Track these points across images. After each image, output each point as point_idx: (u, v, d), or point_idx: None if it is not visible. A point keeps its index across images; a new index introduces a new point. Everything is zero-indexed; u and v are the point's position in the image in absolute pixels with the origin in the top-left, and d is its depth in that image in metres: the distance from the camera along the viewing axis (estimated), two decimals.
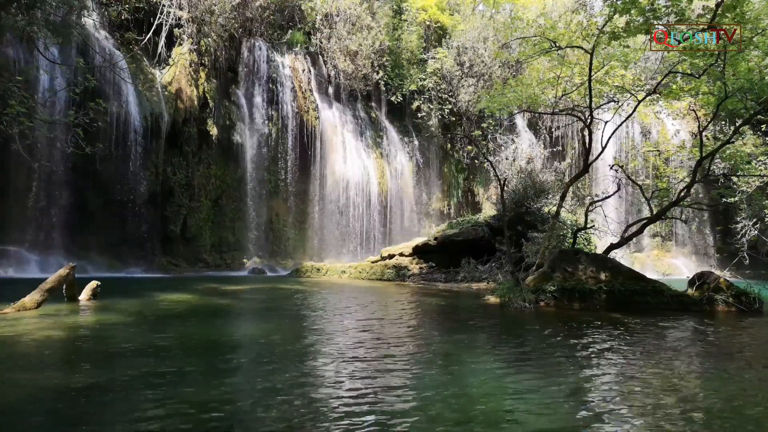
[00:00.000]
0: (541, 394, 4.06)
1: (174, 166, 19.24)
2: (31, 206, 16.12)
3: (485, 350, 5.93)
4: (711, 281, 9.87)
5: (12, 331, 6.06)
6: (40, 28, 13.57)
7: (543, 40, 12.13)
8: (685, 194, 12.43)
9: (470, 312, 9.25)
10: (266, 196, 21.69)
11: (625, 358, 5.52)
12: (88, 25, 17.16)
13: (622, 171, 13.90)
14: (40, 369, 4.61)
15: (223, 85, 21.38)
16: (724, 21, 9.55)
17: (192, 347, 5.69)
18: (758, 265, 19.63)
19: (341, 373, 4.59)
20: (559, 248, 12.34)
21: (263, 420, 3.41)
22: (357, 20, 24.09)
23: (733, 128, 12.79)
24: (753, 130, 19.92)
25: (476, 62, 25.65)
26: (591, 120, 12.36)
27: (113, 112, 17.00)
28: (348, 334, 6.70)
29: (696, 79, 11.26)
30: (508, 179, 16.23)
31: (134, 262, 17.72)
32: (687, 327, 7.94)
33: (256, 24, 22.34)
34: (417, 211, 25.83)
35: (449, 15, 27.76)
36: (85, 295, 8.93)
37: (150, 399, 3.73)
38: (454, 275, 15.55)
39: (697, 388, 4.37)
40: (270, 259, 21.13)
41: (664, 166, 23.98)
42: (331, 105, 24.10)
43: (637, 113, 14.07)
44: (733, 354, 6.02)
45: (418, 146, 26.37)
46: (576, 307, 9.46)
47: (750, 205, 18.61)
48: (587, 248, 15.09)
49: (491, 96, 15.36)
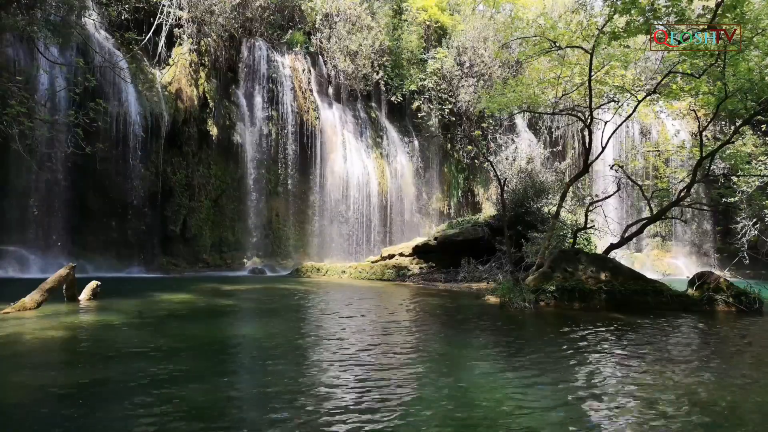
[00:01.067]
0: (541, 394, 4.07)
1: (174, 166, 19.24)
2: (31, 206, 16.11)
3: (485, 350, 5.93)
4: (711, 281, 9.87)
5: (12, 331, 6.06)
6: (40, 28, 13.57)
7: (543, 40, 12.13)
8: (685, 194, 12.44)
9: (470, 312, 9.25)
10: (266, 196, 21.68)
11: (625, 358, 5.52)
12: (88, 25, 17.14)
13: (622, 171, 13.90)
14: (39, 369, 4.61)
15: (223, 85, 21.37)
16: (724, 21, 9.55)
17: (192, 347, 5.69)
18: (758, 265, 19.64)
19: (341, 373, 4.59)
20: (559, 248, 12.34)
21: (263, 421, 3.40)
22: (357, 20, 24.08)
23: (733, 128, 12.80)
24: (753, 130, 19.93)
25: (476, 62, 25.65)
26: (591, 120, 12.35)
27: (113, 112, 16.99)
28: (348, 334, 6.70)
29: (696, 79, 11.26)
30: (508, 179, 16.23)
31: (134, 262, 17.72)
32: (687, 327, 7.94)
33: (256, 24, 22.33)
34: (417, 211, 25.82)
35: (449, 15, 27.76)
36: (85, 295, 8.93)
37: (150, 399, 3.72)
38: (454, 275, 15.54)
39: (697, 388, 4.37)
40: (270, 259, 21.13)
41: (664, 166, 24.00)
42: (331, 105, 24.09)
43: (637, 113, 14.06)
44: (733, 354, 6.02)
45: (418, 146, 26.36)
46: (576, 307, 9.46)
47: (750, 205, 18.62)
48: (587, 248, 15.07)
49: (491, 96, 15.37)
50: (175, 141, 19.32)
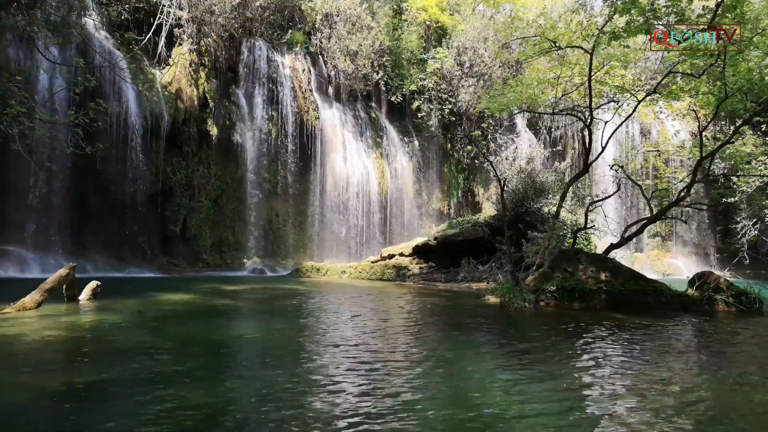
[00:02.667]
0: (541, 394, 4.06)
1: (174, 166, 19.24)
2: (31, 206, 16.12)
3: (485, 350, 5.93)
4: (711, 281, 9.86)
5: (12, 331, 6.06)
6: (40, 28, 13.57)
7: (543, 40, 12.13)
8: (685, 194, 12.43)
9: (470, 312, 9.25)
10: (266, 196, 21.69)
11: (625, 358, 5.52)
12: (88, 25, 17.16)
13: (622, 171, 13.90)
14: (39, 369, 4.61)
15: (223, 85, 21.38)
16: (724, 21, 9.56)
17: (192, 348, 5.69)
18: (758, 265, 19.65)
19: (340, 374, 4.59)
20: (559, 248, 12.34)
21: (264, 422, 3.40)
22: (357, 20, 24.09)
23: (733, 128, 12.80)
24: (753, 130, 19.95)
25: (476, 62, 25.65)
26: (591, 120, 12.35)
27: (113, 112, 17.00)
28: (348, 335, 6.69)
29: (696, 79, 11.26)
30: (508, 179, 16.23)
31: (134, 262, 17.73)
32: (687, 327, 7.93)
33: (256, 24, 22.34)
34: (417, 211, 25.83)
35: (449, 15, 27.77)
36: (85, 295, 8.93)
37: (150, 399, 3.72)
38: (454, 275, 15.55)
39: (696, 388, 4.37)
40: (270, 259, 21.13)
41: (664, 166, 24.00)
42: (331, 105, 24.10)
43: (637, 113, 14.08)
44: (733, 354, 6.02)
45: (418, 146, 26.37)
46: (576, 307, 9.45)
47: (750, 205, 18.63)
48: (587, 248, 15.08)
49: (491, 96, 15.36)
50: (175, 141, 19.32)
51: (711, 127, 20.07)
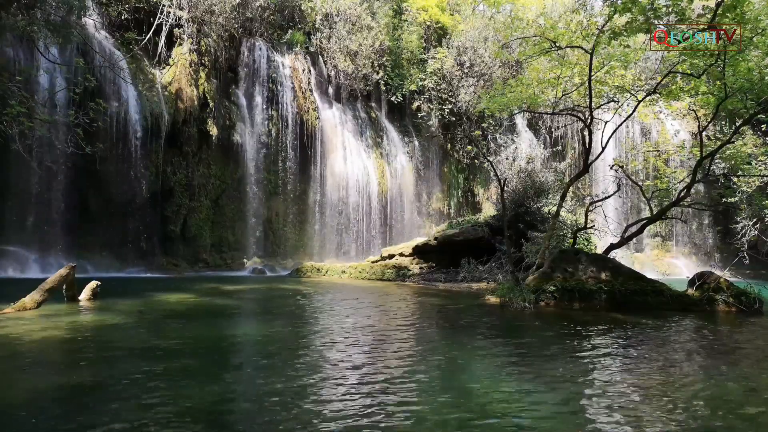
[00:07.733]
0: (541, 394, 4.06)
1: (174, 166, 19.24)
2: (31, 206, 16.11)
3: (485, 350, 5.93)
4: (711, 281, 9.86)
5: (12, 331, 6.06)
6: (40, 28, 13.56)
7: (543, 40, 12.13)
8: (685, 194, 12.43)
9: (470, 312, 9.25)
10: (266, 196, 21.69)
11: (625, 358, 5.52)
12: (88, 25, 17.15)
13: (622, 171, 13.90)
14: (39, 369, 4.61)
15: (223, 85, 21.37)
16: (724, 21, 9.54)
17: (192, 348, 5.68)
18: (758, 265, 19.64)
19: (340, 374, 4.59)
20: (559, 248, 12.33)
21: (264, 421, 3.40)
22: (357, 20, 24.08)
23: (733, 128, 12.80)
24: (753, 130, 19.95)
25: (476, 62, 25.64)
26: (591, 120, 12.35)
27: (113, 112, 17.00)
28: (347, 335, 6.69)
29: (696, 79, 11.25)
30: (508, 179, 16.21)
31: (134, 262, 17.72)
32: (687, 327, 7.93)
33: (256, 24, 22.33)
34: (417, 211, 25.83)
35: (449, 15, 27.76)
36: (85, 295, 8.93)
37: (149, 399, 3.72)
38: (454, 275, 15.53)
39: (696, 388, 4.37)
40: (270, 259, 21.12)
41: (664, 166, 23.97)
42: (331, 105, 24.09)
43: (637, 113, 14.06)
44: (733, 354, 6.02)
45: (418, 146, 26.36)
46: (576, 307, 9.45)
47: (750, 205, 18.61)
48: (587, 248, 15.06)
49: (491, 96, 15.35)
50: (175, 141, 19.32)
51: (711, 127, 20.04)
